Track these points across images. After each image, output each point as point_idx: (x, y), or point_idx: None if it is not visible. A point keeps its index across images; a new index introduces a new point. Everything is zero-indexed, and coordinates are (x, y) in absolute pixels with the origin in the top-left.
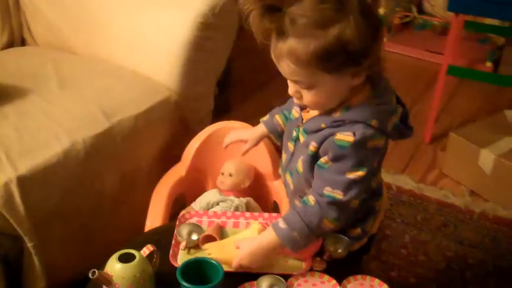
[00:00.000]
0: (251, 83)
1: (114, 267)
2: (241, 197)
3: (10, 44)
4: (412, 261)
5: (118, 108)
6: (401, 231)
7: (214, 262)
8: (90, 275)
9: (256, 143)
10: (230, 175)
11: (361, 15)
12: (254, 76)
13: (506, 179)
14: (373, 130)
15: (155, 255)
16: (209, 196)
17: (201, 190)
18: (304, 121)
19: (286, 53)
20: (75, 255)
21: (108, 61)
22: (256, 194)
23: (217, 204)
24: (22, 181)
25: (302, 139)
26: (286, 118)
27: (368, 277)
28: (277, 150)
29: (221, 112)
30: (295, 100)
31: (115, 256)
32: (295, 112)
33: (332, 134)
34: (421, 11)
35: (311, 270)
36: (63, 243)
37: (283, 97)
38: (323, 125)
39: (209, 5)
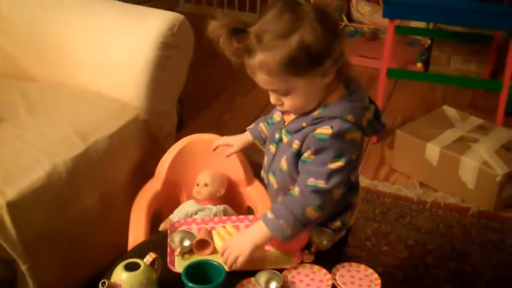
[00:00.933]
0: (199, 99)
1: (121, 276)
2: (218, 205)
3: None
4: (377, 252)
5: (91, 130)
6: (363, 225)
7: (215, 263)
8: (100, 286)
9: (241, 148)
10: (206, 185)
11: (317, 20)
12: (201, 92)
13: (451, 169)
14: (350, 124)
15: (156, 262)
16: (187, 206)
17: (176, 203)
18: (286, 123)
19: (258, 67)
20: (65, 272)
21: (72, 85)
22: (230, 201)
23: (196, 213)
24: (11, 206)
25: (285, 139)
26: (269, 125)
27: (354, 264)
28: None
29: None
30: (278, 107)
31: (121, 266)
32: (277, 116)
33: (313, 131)
34: (350, 19)
35: (301, 262)
36: (52, 262)
37: (231, 110)
38: (304, 124)
39: (168, 25)
